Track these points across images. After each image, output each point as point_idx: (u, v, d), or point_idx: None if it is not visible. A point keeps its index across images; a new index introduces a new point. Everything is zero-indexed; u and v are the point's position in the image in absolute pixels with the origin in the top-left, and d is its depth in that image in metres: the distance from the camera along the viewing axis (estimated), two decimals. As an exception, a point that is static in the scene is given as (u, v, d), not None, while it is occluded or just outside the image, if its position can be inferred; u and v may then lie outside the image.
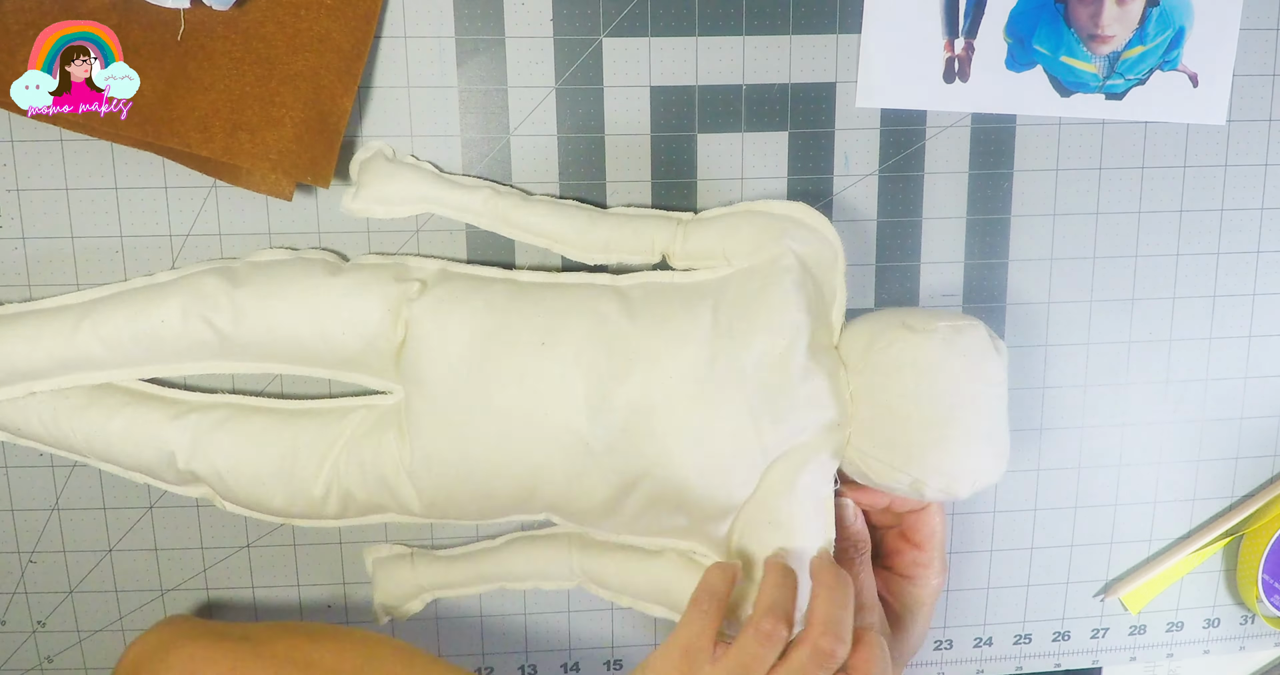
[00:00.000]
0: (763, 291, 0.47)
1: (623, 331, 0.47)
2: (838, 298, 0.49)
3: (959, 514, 0.58)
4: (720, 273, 0.49)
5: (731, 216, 0.50)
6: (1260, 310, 0.57)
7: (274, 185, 0.48)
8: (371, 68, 0.49)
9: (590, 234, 0.50)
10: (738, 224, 0.49)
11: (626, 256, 0.51)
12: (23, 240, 0.50)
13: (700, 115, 0.52)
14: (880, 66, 0.52)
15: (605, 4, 0.50)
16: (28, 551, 0.54)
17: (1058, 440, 0.58)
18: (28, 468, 0.53)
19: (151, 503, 0.54)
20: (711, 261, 0.50)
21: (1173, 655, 0.62)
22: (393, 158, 0.50)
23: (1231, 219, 0.56)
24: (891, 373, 0.46)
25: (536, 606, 0.57)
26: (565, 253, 0.51)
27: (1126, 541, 0.59)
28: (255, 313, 0.48)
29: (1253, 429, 0.59)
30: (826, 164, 0.53)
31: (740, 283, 0.48)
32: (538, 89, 0.51)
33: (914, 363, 0.45)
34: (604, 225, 0.50)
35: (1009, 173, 0.54)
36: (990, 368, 0.46)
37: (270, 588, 0.55)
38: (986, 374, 0.46)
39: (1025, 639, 0.60)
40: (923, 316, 0.47)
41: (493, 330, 0.47)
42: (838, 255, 0.49)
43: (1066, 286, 0.56)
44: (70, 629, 0.55)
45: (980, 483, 0.46)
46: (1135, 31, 0.53)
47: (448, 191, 0.50)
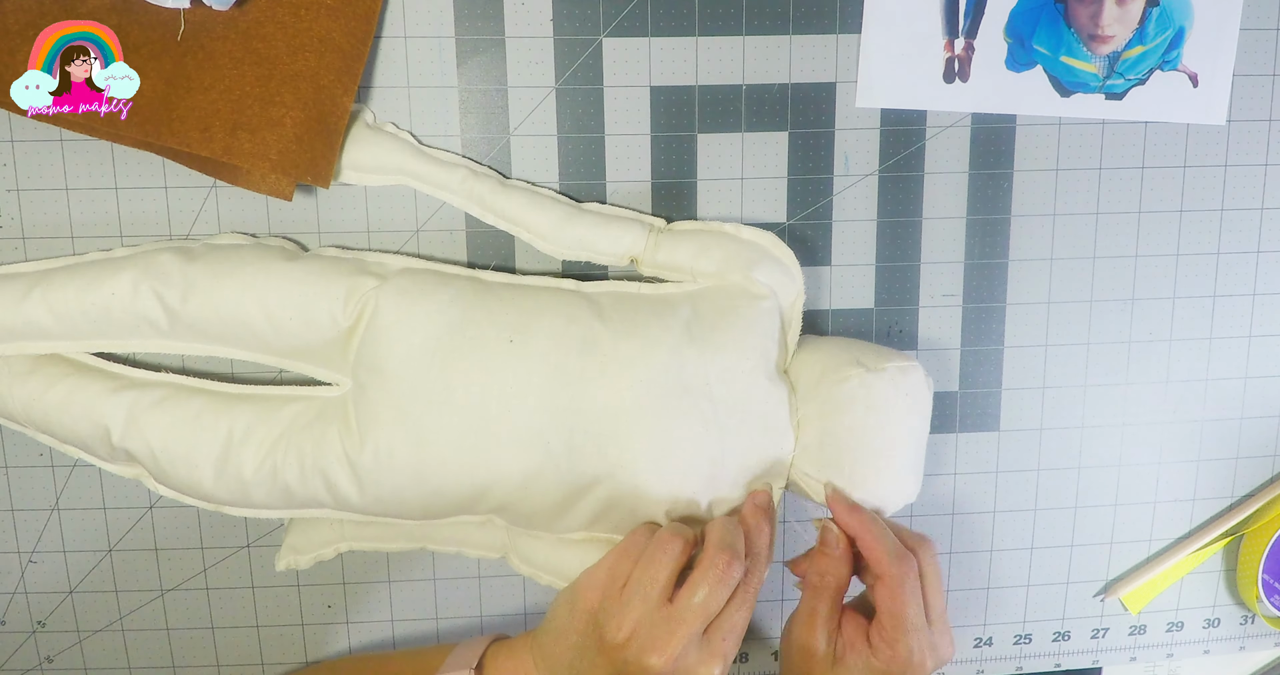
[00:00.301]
0: (734, 311, 0.48)
1: (594, 334, 0.47)
2: (793, 327, 0.51)
3: (959, 514, 0.58)
4: (685, 287, 0.50)
5: (704, 235, 0.51)
6: (1260, 310, 0.57)
7: (274, 185, 0.48)
8: (371, 68, 0.49)
9: (565, 230, 0.50)
10: (710, 246, 0.50)
11: (596, 257, 0.51)
12: (23, 240, 0.50)
13: (700, 115, 0.52)
14: (880, 66, 0.52)
15: (605, 4, 0.50)
16: (28, 551, 0.54)
17: (1058, 440, 0.58)
18: (28, 468, 0.53)
19: (151, 503, 0.54)
20: (678, 275, 0.51)
21: (1173, 655, 0.62)
22: (373, 124, 0.50)
23: (1231, 219, 0.56)
24: (843, 405, 0.48)
25: (536, 606, 0.57)
26: (536, 244, 0.51)
27: (1126, 541, 0.59)
28: (205, 291, 0.47)
29: (1253, 429, 0.59)
30: (826, 164, 0.53)
31: (711, 299, 0.49)
32: (538, 89, 0.51)
33: (865, 399, 0.48)
34: (579, 223, 0.50)
35: (1009, 173, 0.54)
36: (925, 405, 0.50)
37: (270, 588, 0.55)
38: (922, 409, 0.49)
39: (1025, 639, 0.60)
40: (873, 355, 0.49)
41: (458, 324, 0.47)
42: (799, 289, 0.51)
43: (1066, 286, 0.56)
44: (70, 629, 0.55)
45: (905, 502, 0.50)
46: (1135, 31, 0.53)
47: (424, 165, 0.50)
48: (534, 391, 0.46)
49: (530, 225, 0.50)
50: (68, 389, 0.49)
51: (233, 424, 0.48)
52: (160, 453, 0.48)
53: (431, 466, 0.47)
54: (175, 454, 0.48)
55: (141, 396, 0.49)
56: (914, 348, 0.56)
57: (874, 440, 0.48)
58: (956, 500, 0.58)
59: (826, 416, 0.48)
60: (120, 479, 0.53)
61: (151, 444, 0.48)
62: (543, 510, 0.49)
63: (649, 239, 0.51)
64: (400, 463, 0.47)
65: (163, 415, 0.48)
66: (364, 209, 0.51)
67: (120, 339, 0.49)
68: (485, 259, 0.52)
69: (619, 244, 0.51)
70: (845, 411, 0.48)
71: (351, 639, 0.56)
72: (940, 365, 0.56)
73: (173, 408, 0.49)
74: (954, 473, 0.57)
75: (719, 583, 0.43)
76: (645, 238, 0.51)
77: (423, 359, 0.47)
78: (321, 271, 0.48)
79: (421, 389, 0.47)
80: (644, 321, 0.48)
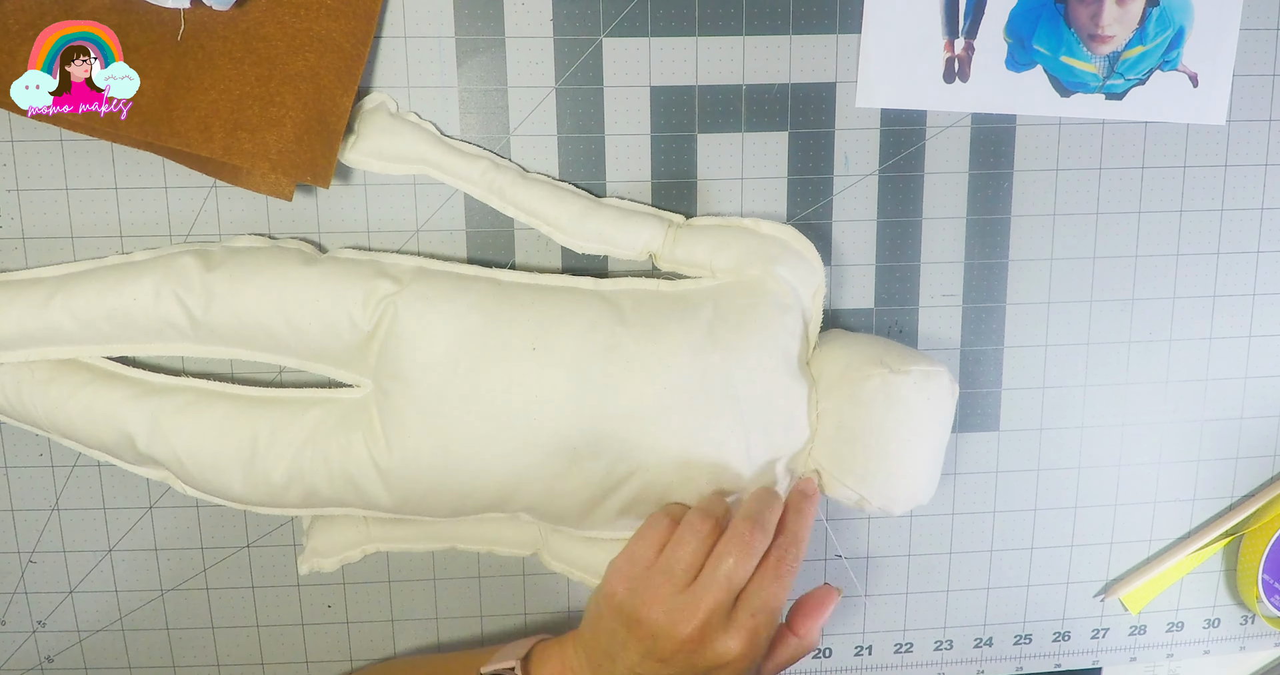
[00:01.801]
0: (755, 309, 0.48)
1: (617, 339, 0.47)
2: (815, 321, 0.51)
3: (959, 514, 0.58)
4: (705, 285, 0.50)
5: (723, 230, 0.51)
6: (1260, 310, 0.57)
7: (274, 185, 0.48)
8: (371, 68, 0.49)
9: (584, 223, 0.50)
10: (728, 240, 0.50)
11: (614, 251, 0.51)
12: (23, 240, 0.50)
13: (700, 115, 0.52)
14: (880, 66, 0.52)
15: (605, 4, 0.50)
16: (28, 551, 0.54)
17: (1058, 440, 0.58)
18: (28, 468, 0.53)
19: (151, 503, 0.54)
20: (696, 271, 0.51)
21: (1173, 655, 0.62)
22: (396, 113, 0.50)
23: (1231, 219, 0.56)
24: (863, 403, 0.48)
25: (536, 606, 0.57)
26: (555, 237, 0.51)
27: (1126, 541, 0.59)
28: (225, 297, 0.47)
29: (1253, 429, 0.59)
30: (826, 164, 0.53)
31: (731, 297, 0.49)
32: (538, 89, 0.51)
33: (886, 399, 0.48)
34: (599, 216, 0.50)
35: (1009, 173, 0.54)
36: (947, 410, 0.50)
37: (270, 588, 0.55)
38: (943, 416, 0.49)
39: (1025, 639, 0.60)
40: (897, 356, 0.49)
41: (480, 331, 0.47)
42: (821, 282, 0.51)
43: (1066, 286, 0.56)
44: (70, 629, 0.55)
45: (914, 504, 0.50)
46: (1135, 31, 0.53)
47: (446, 156, 0.50)
48: (558, 398, 0.47)
49: (550, 218, 0.50)
50: (89, 397, 0.49)
51: (257, 429, 0.48)
52: (187, 459, 0.49)
53: (458, 471, 0.48)
54: (202, 461, 0.48)
55: (164, 403, 0.49)
56: (914, 348, 0.56)
57: (890, 442, 0.48)
58: (956, 500, 0.58)
59: (845, 413, 0.48)
60: (120, 479, 0.53)
61: (177, 451, 0.48)
62: (572, 509, 0.49)
63: (667, 234, 0.51)
64: (427, 468, 0.48)
65: (186, 422, 0.49)
66: (364, 209, 0.51)
67: (144, 342, 0.49)
68: (484, 260, 0.52)
69: (637, 239, 0.50)
70: (865, 410, 0.48)
71: (351, 639, 0.56)
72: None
73: (196, 414, 0.49)
74: (954, 473, 0.57)
75: (743, 553, 0.43)
76: (663, 233, 0.51)
77: (445, 367, 0.47)
78: (340, 276, 0.48)
79: (445, 396, 0.47)
80: (665, 324, 0.48)
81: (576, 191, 0.51)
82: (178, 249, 0.49)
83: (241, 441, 0.48)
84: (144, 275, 0.47)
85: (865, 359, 0.49)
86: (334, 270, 0.48)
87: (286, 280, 0.48)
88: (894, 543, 0.58)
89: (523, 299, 0.48)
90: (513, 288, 0.49)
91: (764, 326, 0.48)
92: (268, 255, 0.48)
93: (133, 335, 0.49)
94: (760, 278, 0.49)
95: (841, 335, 0.52)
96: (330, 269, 0.48)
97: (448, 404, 0.47)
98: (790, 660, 0.48)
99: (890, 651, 0.60)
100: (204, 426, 0.49)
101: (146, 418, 0.49)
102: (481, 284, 0.49)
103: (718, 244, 0.50)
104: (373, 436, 0.48)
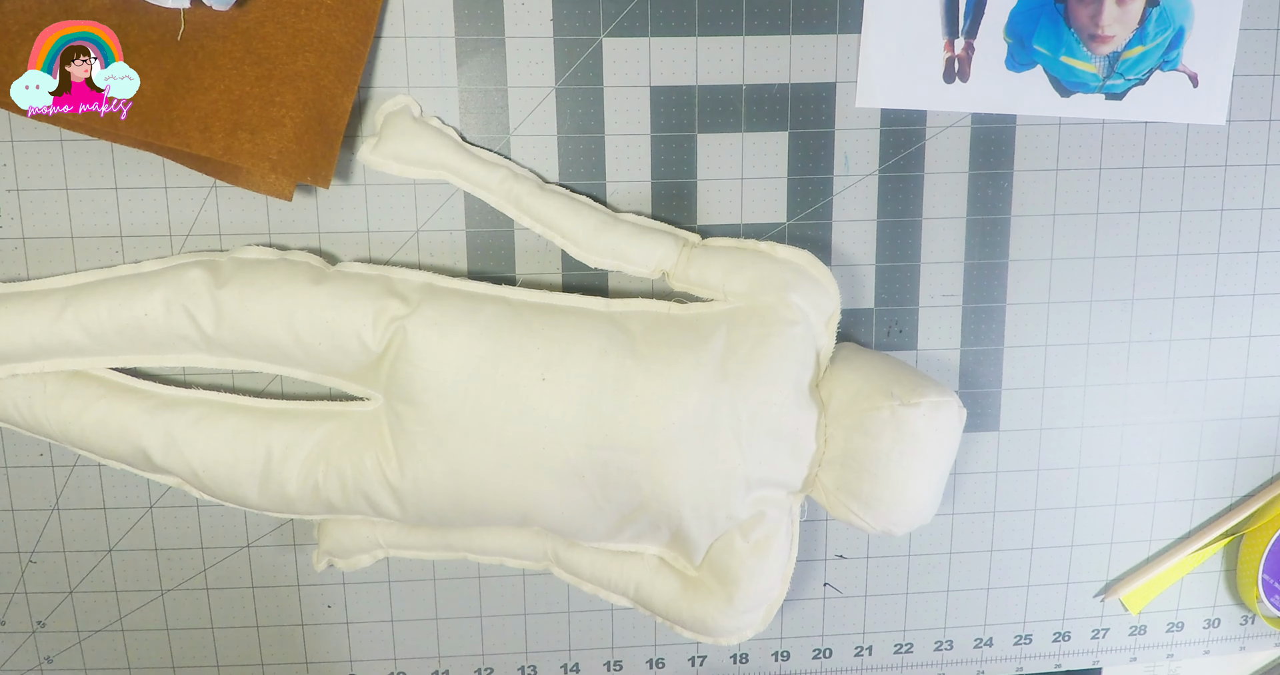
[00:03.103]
0: (767, 341, 0.48)
1: (626, 370, 0.47)
2: (826, 348, 0.51)
3: (959, 514, 0.58)
4: (717, 309, 0.50)
5: (738, 253, 0.51)
6: (1260, 310, 0.57)
7: (274, 185, 0.48)
8: (371, 68, 0.49)
9: (599, 238, 0.50)
10: (743, 264, 0.50)
11: (628, 267, 0.51)
12: (23, 240, 0.50)
13: (700, 115, 0.52)
14: (880, 66, 0.52)
15: (605, 4, 0.50)
16: (28, 551, 0.54)
17: (1058, 440, 0.58)
18: (28, 468, 0.53)
19: (151, 503, 0.54)
20: (709, 292, 0.51)
21: (1173, 655, 0.62)
22: (418, 117, 0.50)
23: (1231, 219, 0.56)
24: (871, 434, 0.48)
25: (536, 606, 0.57)
26: (569, 250, 0.51)
27: (1126, 541, 0.59)
28: (235, 315, 0.47)
29: (1253, 429, 0.59)
30: (826, 164, 0.53)
31: (744, 326, 0.49)
32: (538, 89, 0.51)
33: (895, 432, 0.48)
34: (614, 232, 0.50)
35: (1009, 173, 0.54)
36: (955, 438, 0.50)
37: (270, 588, 0.55)
38: (951, 444, 0.50)
39: (1025, 639, 0.60)
40: (907, 385, 0.49)
41: (490, 358, 0.47)
42: (835, 308, 0.51)
43: (1066, 286, 0.56)
44: (70, 629, 0.55)
45: (917, 526, 0.50)
46: (1135, 31, 0.53)
47: (466, 163, 0.50)
48: (567, 429, 0.47)
49: (565, 231, 0.50)
50: (102, 412, 0.49)
51: (271, 442, 0.49)
52: (202, 472, 0.49)
53: (472, 493, 0.48)
54: (218, 473, 0.49)
55: (177, 418, 0.49)
56: (914, 348, 0.56)
57: (896, 471, 0.48)
58: (956, 500, 0.58)
59: (852, 441, 0.48)
60: (120, 479, 0.53)
61: (192, 464, 0.49)
62: (587, 532, 0.50)
63: (681, 254, 0.51)
64: (440, 490, 0.48)
65: (200, 435, 0.49)
66: (364, 209, 0.51)
67: (157, 354, 0.49)
68: (485, 261, 0.52)
69: (651, 256, 0.50)
70: (872, 441, 0.48)
71: (351, 639, 0.56)
72: (940, 365, 0.56)
73: (209, 427, 0.49)
74: (954, 473, 0.57)
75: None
76: (677, 252, 0.51)
77: (455, 395, 0.47)
78: (348, 295, 0.48)
79: (456, 423, 0.47)
80: (676, 356, 0.48)
81: (593, 205, 0.51)
82: (186, 260, 0.49)
83: (255, 456, 0.49)
84: (154, 289, 0.47)
85: (875, 388, 0.49)
86: (342, 289, 0.48)
87: (295, 300, 0.47)
88: (894, 543, 0.58)
89: (533, 324, 0.48)
90: (523, 309, 0.49)
91: (775, 360, 0.48)
92: (277, 272, 0.48)
93: (145, 347, 0.49)
94: (774, 305, 0.49)
95: (852, 356, 0.52)
96: (338, 288, 0.48)
97: (459, 430, 0.47)
98: None
99: (890, 651, 0.60)
100: (217, 441, 0.49)
101: (160, 433, 0.49)
102: (491, 305, 0.49)
103: (732, 267, 0.50)
104: (385, 456, 0.48)
